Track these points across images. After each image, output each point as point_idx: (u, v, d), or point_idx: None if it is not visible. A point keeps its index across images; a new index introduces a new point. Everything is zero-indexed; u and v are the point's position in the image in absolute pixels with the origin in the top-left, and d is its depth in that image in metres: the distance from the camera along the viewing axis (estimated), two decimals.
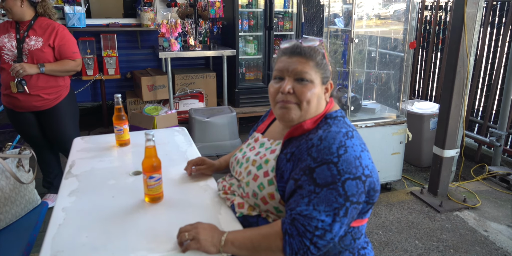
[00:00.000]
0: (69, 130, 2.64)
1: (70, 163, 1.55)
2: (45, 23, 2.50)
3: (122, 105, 1.74)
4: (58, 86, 2.55)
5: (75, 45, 2.57)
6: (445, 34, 3.99)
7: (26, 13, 2.45)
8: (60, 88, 2.57)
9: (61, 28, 2.51)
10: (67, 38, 2.51)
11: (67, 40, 2.51)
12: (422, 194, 2.92)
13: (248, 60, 4.61)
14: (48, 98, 2.52)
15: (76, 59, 2.55)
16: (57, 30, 2.48)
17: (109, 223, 1.13)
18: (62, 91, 2.58)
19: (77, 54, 2.56)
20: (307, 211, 0.97)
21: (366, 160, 1.04)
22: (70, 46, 2.52)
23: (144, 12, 4.39)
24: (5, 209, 1.56)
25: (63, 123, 2.61)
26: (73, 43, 2.56)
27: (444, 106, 2.77)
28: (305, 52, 1.12)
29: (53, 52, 2.49)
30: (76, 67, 2.56)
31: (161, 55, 3.85)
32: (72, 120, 2.68)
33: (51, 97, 2.53)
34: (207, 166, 1.45)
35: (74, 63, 2.54)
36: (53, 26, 2.49)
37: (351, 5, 2.73)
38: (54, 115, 2.58)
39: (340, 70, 2.99)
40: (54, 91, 2.53)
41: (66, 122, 2.63)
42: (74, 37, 2.63)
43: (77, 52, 2.57)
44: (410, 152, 3.53)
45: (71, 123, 2.66)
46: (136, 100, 4.36)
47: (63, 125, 2.62)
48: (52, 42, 2.46)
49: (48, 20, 2.53)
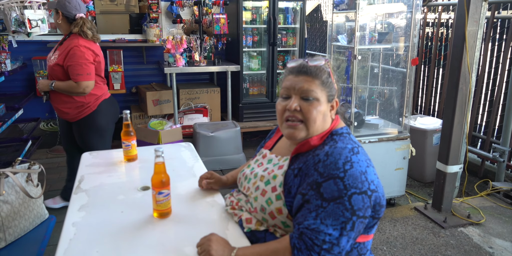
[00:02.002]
0: (94, 144, 2.63)
1: (79, 178, 1.58)
2: (71, 40, 2.49)
3: (130, 121, 1.78)
4: (75, 102, 2.53)
5: (81, 67, 2.43)
6: (447, 50, 4.04)
7: (63, 29, 2.54)
8: (80, 104, 2.54)
9: (75, 48, 2.43)
10: (75, 59, 2.43)
11: (75, 61, 2.43)
12: (426, 210, 2.92)
13: (252, 75, 4.67)
14: (69, 112, 2.55)
15: (79, 81, 2.43)
16: (69, 50, 2.44)
17: (118, 238, 1.14)
18: (83, 108, 2.55)
19: (81, 77, 2.44)
20: (314, 225, 0.99)
21: (372, 175, 1.06)
22: (75, 68, 2.43)
23: (150, 28, 4.48)
24: (14, 223, 1.58)
25: (87, 137, 2.63)
26: (80, 65, 2.44)
27: (447, 122, 2.80)
28: (311, 71, 1.15)
29: (63, 70, 2.48)
30: (79, 89, 2.46)
31: (167, 70, 3.92)
32: (99, 136, 2.65)
33: (72, 112, 2.55)
34: (215, 180, 1.48)
35: (76, 85, 2.44)
36: (71, 46, 2.45)
37: (354, 22, 2.80)
38: (78, 129, 2.63)
39: (343, 86, 3.04)
40: (73, 106, 2.53)
41: (92, 137, 2.63)
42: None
43: (82, 74, 2.44)
44: (414, 167, 3.53)
45: (96, 139, 2.65)
46: (141, 114, 4.41)
47: (87, 139, 2.64)
48: (62, 61, 2.45)
49: (76, 39, 2.48)
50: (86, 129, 2.61)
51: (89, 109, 2.57)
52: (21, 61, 4.06)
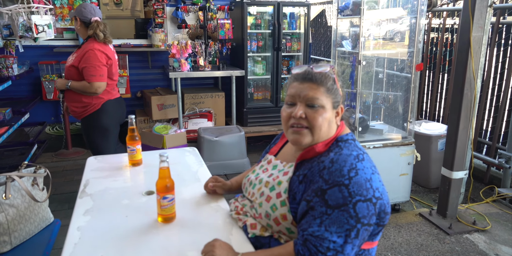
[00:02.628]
0: (97, 144, 2.79)
1: (84, 182, 1.59)
2: (87, 44, 2.66)
3: (136, 126, 1.79)
4: (82, 102, 2.70)
5: (94, 69, 2.59)
6: (452, 56, 4.04)
7: (82, 33, 2.74)
8: (85, 104, 2.70)
9: (90, 51, 2.59)
10: (90, 61, 2.58)
11: (89, 63, 2.58)
12: (431, 216, 2.90)
13: (256, 80, 4.69)
14: (76, 111, 2.74)
15: (92, 82, 2.59)
16: (85, 53, 2.60)
17: (123, 243, 1.15)
18: (88, 107, 2.71)
19: (94, 78, 2.59)
20: (319, 232, 0.99)
21: (377, 183, 1.06)
22: (89, 70, 2.59)
23: (155, 33, 4.51)
24: (19, 226, 1.59)
25: (90, 136, 2.79)
26: (94, 67, 2.59)
27: (452, 128, 2.79)
28: (316, 78, 1.15)
29: (78, 72, 2.64)
30: (92, 89, 2.61)
31: (171, 75, 3.94)
32: (100, 136, 2.78)
33: (78, 110, 2.73)
34: (221, 183, 1.49)
35: (89, 85, 2.60)
36: (86, 49, 2.61)
37: (358, 27, 2.80)
38: (84, 126, 2.81)
39: (347, 91, 3.04)
40: (80, 106, 2.71)
41: (94, 136, 2.78)
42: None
43: (95, 75, 2.59)
44: (418, 173, 3.52)
45: (98, 138, 2.78)
46: (146, 119, 4.42)
47: (90, 137, 2.80)
48: (77, 63, 2.61)
49: (91, 42, 2.65)
50: (90, 127, 2.76)
51: (93, 107, 2.72)
52: (28, 66, 4.10)
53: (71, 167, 3.91)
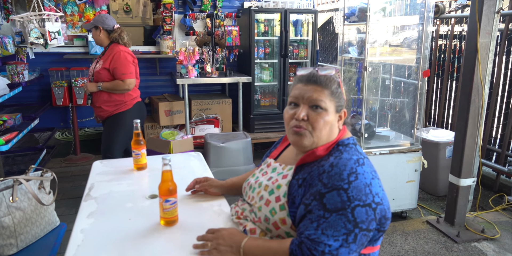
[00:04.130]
0: (114, 141, 3.00)
1: (89, 186, 1.61)
2: (112, 48, 2.97)
3: (141, 130, 1.81)
4: (114, 101, 2.97)
5: (125, 67, 2.91)
6: (460, 63, 4.01)
7: (104, 41, 3.03)
8: (118, 102, 2.98)
9: (117, 53, 2.92)
10: (120, 61, 2.90)
11: (119, 64, 2.90)
12: (438, 223, 2.86)
13: (263, 87, 4.71)
14: (108, 110, 3.00)
15: (124, 79, 2.90)
16: (113, 55, 2.92)
17: (125, 245, 1.16)
18: (120, 105, 3.00)
19: (126, 75, 2.90)
20: (315, 235, 0.99)
21: (377, 188, 1.05)
22: (121, 69, 2.90)
23: (163, 40, 4.57)
24: (25, 229, 1.61)
25: (112, 132, 3.01)
26: (124, 66, 2.91)
27: (460, 134, 2.76)
28: (320, 81, 1.16)
29: (109, 73, 2.93)
30: (125, 86, 2.91)
31: (179, 81, 3.98)
32: (122, 134, 3.00)
33: (110, 109, 2.99)
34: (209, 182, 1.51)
35: (122, 83, 2.90)
36: (113, 52, 2.93)
37: (365, 34, 2.81)
38: (109, 123, 3.03)
39: (354, 97, 3.03)
40: (112, 104, 2.98)
41: (115, 133, 3.00)
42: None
43: (126, 73, 2.90)
44: (426, 181, 3.48)
45: (118, 136, 3.00)
46: (153, 124, 4.46)
47: (111, 134, 3.01)
48: (108, 65, 2.91)
49: (116, 46, 2.98)
50: (116, 125, 3.00)
51: (125, 106, 3.01)
52: (38, 72, 4.17)
53: (79, 172, 3.95)
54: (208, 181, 1.52)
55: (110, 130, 3.03)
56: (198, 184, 1.52)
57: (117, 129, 3.01)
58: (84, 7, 4.36)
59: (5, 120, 3.08)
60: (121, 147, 3.06)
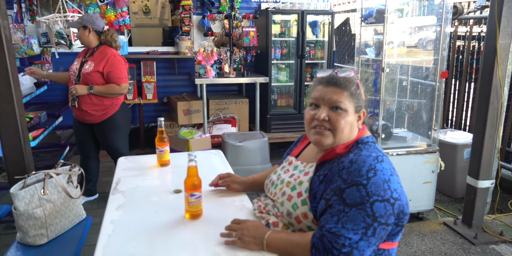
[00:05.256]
0: (116, 142, 3.00)
1: (116, 180, 1.68)
2: (103, 50, 2.87)
3: (164, 128, 1.87)
4: (103, 105, 2.88)
5: (121, 72, 2.85)
6: (479, 64, 3.98)
7: (92, 42, 2.90)
8: (106, 107, 2.89)
9: (112, 57, 2.84)
10: (115, 65, 2.82)
11: (115, 67, 2.82)
12: (455, 225, 2.85)
13: (280, 87, 4.75)
14: (96, 114, 2.89)
15: (121, 84, 2.84)
16: (108, 58, 2.82)
17: (152, 236, 1.22)
18: (108, 110, 2.91)
19: (122, 80, 2.84)
20: (335, 229, 1.03)
21: (395, 184, 1.09)
22: (117, 73, 2.83)
23: (182, 40, 4.65)
24: (55, 221, 1.69)
25: (110, 136, 2.97)
26: (120, 70, 2.84)
27: (478, 136, 2.75)
28: (340, 83, 1.20)
29: (102, 77, 2.83)
30: (120, 91, 2.86)
31: (197, 81, 4.05)
32: (119, 134, 3.00)
33: (98, 114, 2.89)
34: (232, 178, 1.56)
35: (118, 87, 2.84)
36: (107, 55, 2.84)
37: (382, 35, 2.83)
38: (102, 129, 2.96)
39: (371, 98, 3.05)
40: (100, 109, 2.88)
41: (113, 135, 2.98)
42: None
43: (122, 78, 2.83)
44: (444, 182, 3.47)
45: (117, 137, 2.99)
46: (171, 123, 4.55)
47: (110, 137, 2.98)
48: (102, 68, 2.81)
49: (107, 48, 2.90)
50: (110, 128, 2.95)
51: (113, 109, 2.93)
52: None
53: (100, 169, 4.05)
54: (230, 177, 1.57)
55: (108, 136, 2.97)
56: (221, 179, 1.57)
57: (114, 132, 2.97)
58: (106, 8, 4.47)
59: (32, 118, 3.20)
60: (125, 144, 3.08)
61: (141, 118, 4.69)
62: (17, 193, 1.58)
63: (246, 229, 1.16)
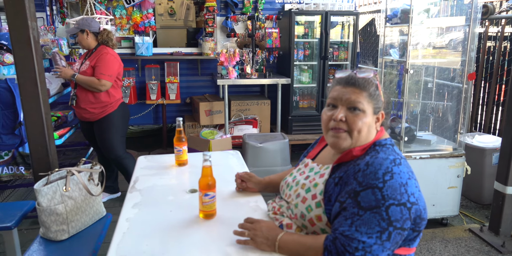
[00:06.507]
0: (110, 140, 3.01)
1: (134, 179, 1.71)
2: (100, 50, 2.96)
3: (183, 128, 1.89)
4: (101, 102, 2.94)
5: (107, 68, 2.87)
6: (510, 65, 3.83)
7: (91, 43, 2.98)
8: (104, 104, 2.95)
9: (104, 54, 2.91)
10: (104, 61, 2.88)
11: (102, 63, 2.87)
12: (482, 232, 2.75)
13: (302, 89, 4.72)
14: (94, 112, 2.95)
15: (100, 79, 2.85)
16: (99, 55, 2.91)
17: (166, 234, 1.23)
18: (107, 108, 2.97)
19: (103, 76, 2.85)
20: (349, 232, 1.01)
21: (413, 188, 1.06)
22: (101, 68, 2.87)
23: (205, 42, 4.70)
24: (76, 217, 1.73)
25: (105, 134, 3.01)
26: (106, 66, 2.87)
27: (507, 140, 2.65)
28: (359, 83, 1.17)
29: (93, 72, 2.89)
30: (97, 86, 2.86)
31: (219, 82, 4.08)
32: (115, 133, 3.02)
33: (96, 111, 2.95)
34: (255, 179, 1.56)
35: (98, 81, 2.85)
36: (100, 52, 2.93)
37: (407, 36, 2.76)
38: (100, 126, 3.01)
39: (394, 100, 2.98)
40: (98, 106, 2.94)
41: (109, 134, 3.01)
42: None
43: (105, 74, 2.85)
44: (470, 188, 3.35)
45: (112, 135, 3.02)
46: (193, 124, 4.59)
47: (105, 135, 3.01)
48: (94, 64, 2.89)
49: (104, 48, 2.97)
50: (106, 126, 2.99)
51: (111, 108, 2.98)
52: None
53: None
54: (248, 175, 1.57)
55: (104, 134, 3.00)
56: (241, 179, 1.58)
57: (110, 131, 3.00)
58: (132, 10, 4.57)
59: (59, 117, 3.31)
60: (121, 144, 3.08)
61: (164, 118, 4.76)
62: (41, 189, 1.63)
63: (259, 230, 1.16)
